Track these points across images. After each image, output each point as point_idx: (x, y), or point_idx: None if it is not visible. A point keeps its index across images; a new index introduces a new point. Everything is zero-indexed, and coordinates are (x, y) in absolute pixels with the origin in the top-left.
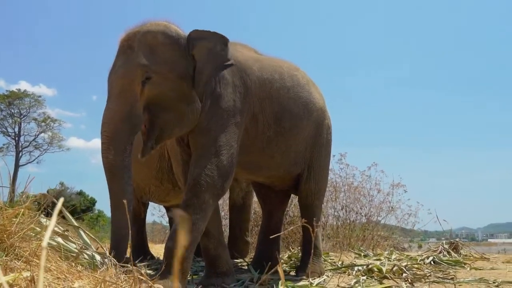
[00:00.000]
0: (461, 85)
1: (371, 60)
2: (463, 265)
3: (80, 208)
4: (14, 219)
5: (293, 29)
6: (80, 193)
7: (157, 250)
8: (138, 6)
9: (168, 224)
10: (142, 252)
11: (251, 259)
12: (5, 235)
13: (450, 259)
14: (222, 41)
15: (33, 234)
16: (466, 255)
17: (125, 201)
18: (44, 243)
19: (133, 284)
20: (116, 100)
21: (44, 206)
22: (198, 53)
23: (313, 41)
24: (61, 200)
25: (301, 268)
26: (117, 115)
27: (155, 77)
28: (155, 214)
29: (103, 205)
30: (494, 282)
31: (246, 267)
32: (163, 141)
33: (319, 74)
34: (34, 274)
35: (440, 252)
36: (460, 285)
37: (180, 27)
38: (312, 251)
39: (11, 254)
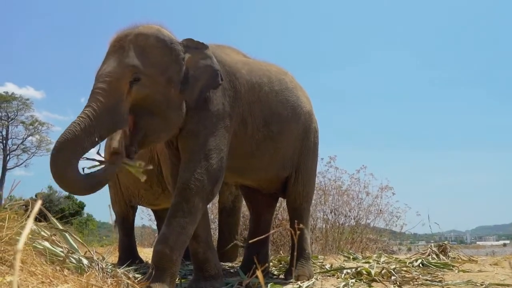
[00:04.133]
0: (454, 86)
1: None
2: (451, 267)
3: (68, 212)
4: (1, 223)
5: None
6: (69, 197)
7: (146, 254)
8: (129, 8)
9: (156, 228)
10: (130, 256)
11: (240, 263)
12: None
13: (439, 261)
14: (211, 54)
15: (19, 239)
16: (454, 258)
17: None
18: (20, 246)
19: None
20: (102, 93)
21: (31, 210)
22: (192, 61)
23: (302, 42)
24: (39, 202)
25: (290, 272)
26: (101, 105)
27: (144, 79)
28: (144, 218)
29: (92, 209)
30: (481, 285)
31: (235, 270)
32: (146, 146)
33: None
34: (19, 278)
35: (428, 255)
36: (448, 287)
37: (173, 32)
38: (301, 254)
39: None
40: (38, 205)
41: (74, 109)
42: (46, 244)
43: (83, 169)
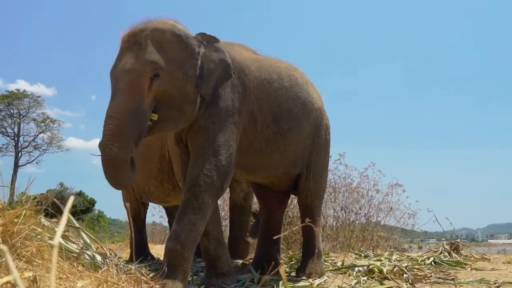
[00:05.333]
0: (460, 85)
1: (370, 59)
2: (464, 265)
3: (80, 208)
4: (16, 220)
5: (289, 27)
6: (80, 194)
7: (157, 250)
8: (139, 6)
9: (168, 225)
10: (142, 253)
11: (252, 260)
12: (7, 236)
13: (451, 259)
14: (223, 47)
15: (34, 235)
16: (466, 256)
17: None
18: (56, 242)
19: (134, 284)
20: (123, 95)
21: (45, 206)
22: (206, 55)
23: (310, 40)
24: (71, 198)
25: (302, 269)
26: (124, 110)
27: (163, 74)
28: (155, 214)
29: (103, 205)
30: (495, 283)
31: (246, 268)
32: (153, 134)
33: (317, 73)
34: (36, 274)
35: (440, 253)
36: (461, 285)
37: (186, 27)
38: (312, 251)
39: (13, 255)
40: (70, 202)
41: (85, 106)
42: (60, 240)
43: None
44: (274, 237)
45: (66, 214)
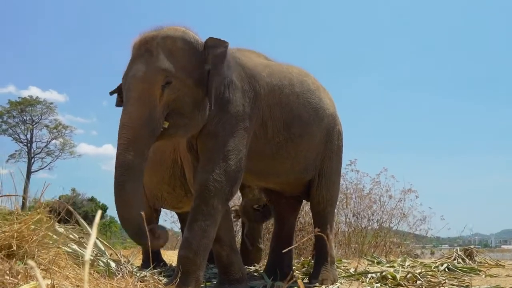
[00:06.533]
0: (473, 89)
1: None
2: (478, 272)
3: (91, 214)
4: (31, 226)
5: (299, 31)
6: (92, 199)
7: (169, 256)
8: (151, 12)
9: (180, 231)
10: (155, 259)
11: (264, 266)
12: (23, 242)
13: (465, 266)
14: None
15: (50, 241)
16: (480, 262)
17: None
18: (87, 257)
19: None
20: (135, 103)
21: (60, 213)
22: (212, 59)
23: (320, 43)
24: (99, 213)
25: (314, 275)
26: (137, 119)
27: (175, 82)
28: (167, 220)
29: (115, 211)
30: None
31: (259, 274)
32: (163, 139)
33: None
34: (54, 282)
35: (454, 259)
36: None
37: (197, 34)
38: (325, 258)
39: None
40: (98, 216)
41: (97, 112)
42: (75, 247)
43: None
44: (284, 251)
45: (95, 229)
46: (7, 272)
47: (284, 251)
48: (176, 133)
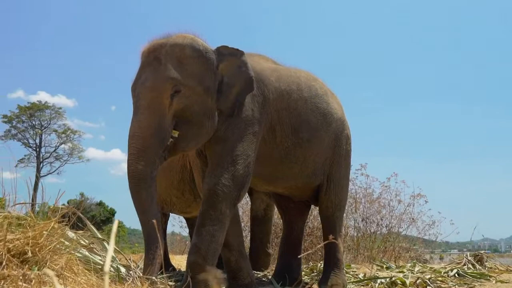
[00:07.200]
0: (484, 93)
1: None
2: (488, 278)
3: (100, 218)
4: (44, 232)
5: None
6: (100, 204)
7: (177, 261)
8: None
9: (188, 235)
10: (163, 264)
11: (273, 271)
12: (36, 248)
13: (475, 271)
14: (246, 59)
15: (63, 248)
16: (491, 268)
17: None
18: (106, 268)
19: None
20: (145, 112)
21: (69, 218)
22: (227, 68)
23: (329, 47)
24: (116, 222)
25: (323, 281)
26: (146, 128)
27: (184, 90)
28: (175, 224)
29: (123, 216)
30: None
31: (267, 279)
32: (175, 154)
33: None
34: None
35: (464, 264)
36: None
37: (206, 41)
38: (334, 263)
39: (43, 268)
40: (115, 226)
41: (105, 117)
42: (85, 252)
43: None
44: (300, 256)
45: (113, 239)
46: (21, 278)
47: (299, 256)
48: (188, 145)
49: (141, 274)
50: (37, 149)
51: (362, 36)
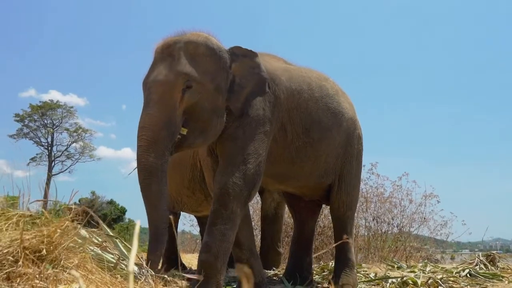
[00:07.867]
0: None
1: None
2: (500, 278)
3: (111, 217)
4: (59, 230)
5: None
6: (111, 202)
7: (188, 260)
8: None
9: (199, 234)
10: (174, 262)
11: (283, 270)
12: (51, 247)
13: (487, 272)
14: (259, 61)
15: (77, 246)
16: (503, 268)
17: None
18: (130, 268)
19: None
20: (156, 106)
21: (81, 217)
22: (239, 69)
23: (341, 46)
24: (138, 223)
25: (335, 280)
26: (156, 121)
27: (195, 86)
28: (186, 223)
29: (134, 214)
30: None
31: (278, 278)
32: (182, 150)
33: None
34: (83, 287)
35: (476, 265)
36: None
37: (220, 40)
38: (345, 263)
39: (58, 266)
40: (137, 228)
41: (116, 116)
42: (98, 250)
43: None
44: (315, 255)
45: (135, 241)
46: (37, 276)
47: (315, 255)
48: (194, 142)
49: (153, 273)
50: (49, 148)
51: (377, 35)
